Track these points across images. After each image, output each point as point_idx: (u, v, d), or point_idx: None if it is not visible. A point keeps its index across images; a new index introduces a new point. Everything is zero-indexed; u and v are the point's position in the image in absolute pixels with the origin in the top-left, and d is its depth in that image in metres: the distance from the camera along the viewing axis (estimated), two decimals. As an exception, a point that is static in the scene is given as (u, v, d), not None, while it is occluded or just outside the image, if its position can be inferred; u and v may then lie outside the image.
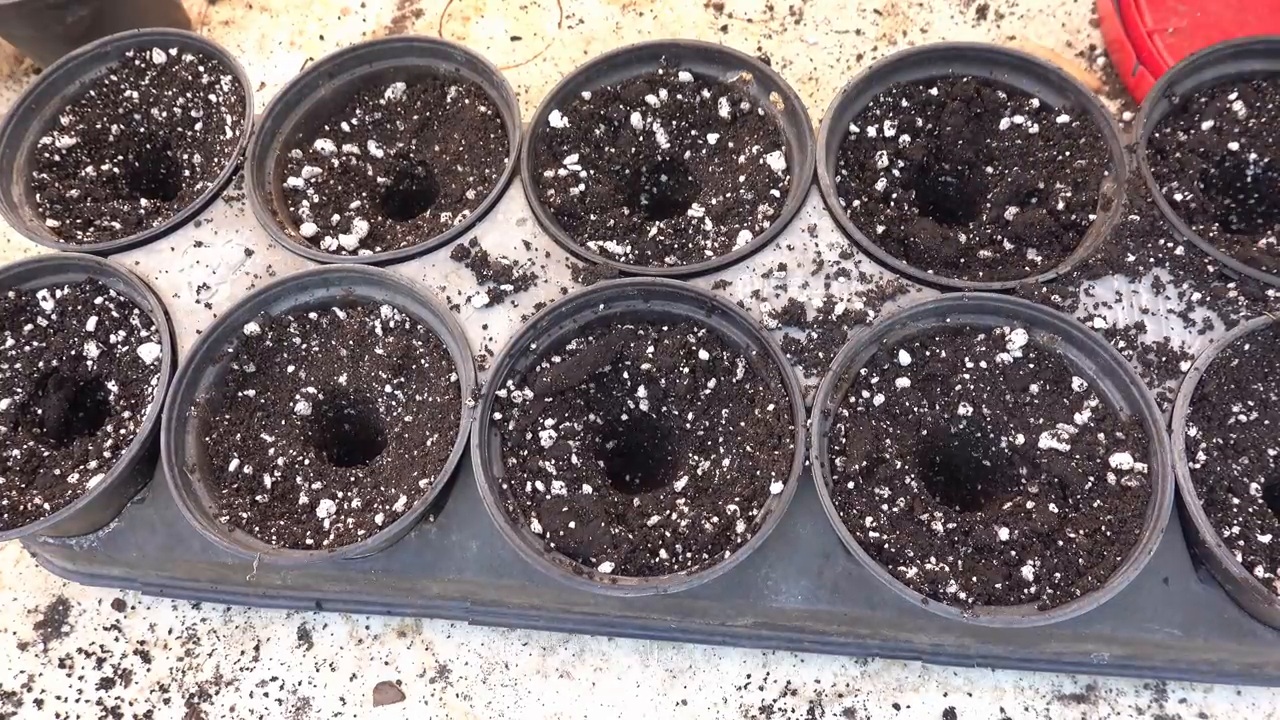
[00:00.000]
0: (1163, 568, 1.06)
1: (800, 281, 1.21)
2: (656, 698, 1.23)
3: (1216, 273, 1.16)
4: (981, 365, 1.14)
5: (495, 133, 1.37)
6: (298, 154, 1.39)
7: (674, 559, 1.08)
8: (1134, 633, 1.07)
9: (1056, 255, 1.22)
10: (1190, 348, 1.13)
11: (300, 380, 1.24)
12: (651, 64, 1.37)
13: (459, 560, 1.16)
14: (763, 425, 1.13)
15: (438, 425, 1.17)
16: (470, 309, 1.23)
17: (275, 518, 1.16)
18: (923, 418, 1.13)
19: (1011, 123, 1.31)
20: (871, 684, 1.22)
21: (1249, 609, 1.07)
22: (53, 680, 1.30)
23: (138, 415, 1.22)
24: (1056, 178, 1.26)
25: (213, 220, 1.33)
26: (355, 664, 1.28)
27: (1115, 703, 1.18)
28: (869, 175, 1.30)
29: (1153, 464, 1.06)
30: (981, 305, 1.15)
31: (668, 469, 1.21)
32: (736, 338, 1.18)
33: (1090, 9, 1.72)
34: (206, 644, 1.31)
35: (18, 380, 1.27)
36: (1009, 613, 1.01)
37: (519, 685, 1.25)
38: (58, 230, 1.36)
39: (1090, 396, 1.12)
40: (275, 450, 1.21)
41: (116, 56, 1.46)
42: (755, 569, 1.11)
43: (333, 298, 1.26)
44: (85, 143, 1.43)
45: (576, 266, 1.24)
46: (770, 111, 1.33)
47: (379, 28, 1.83)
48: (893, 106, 1.32)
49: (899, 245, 1.26)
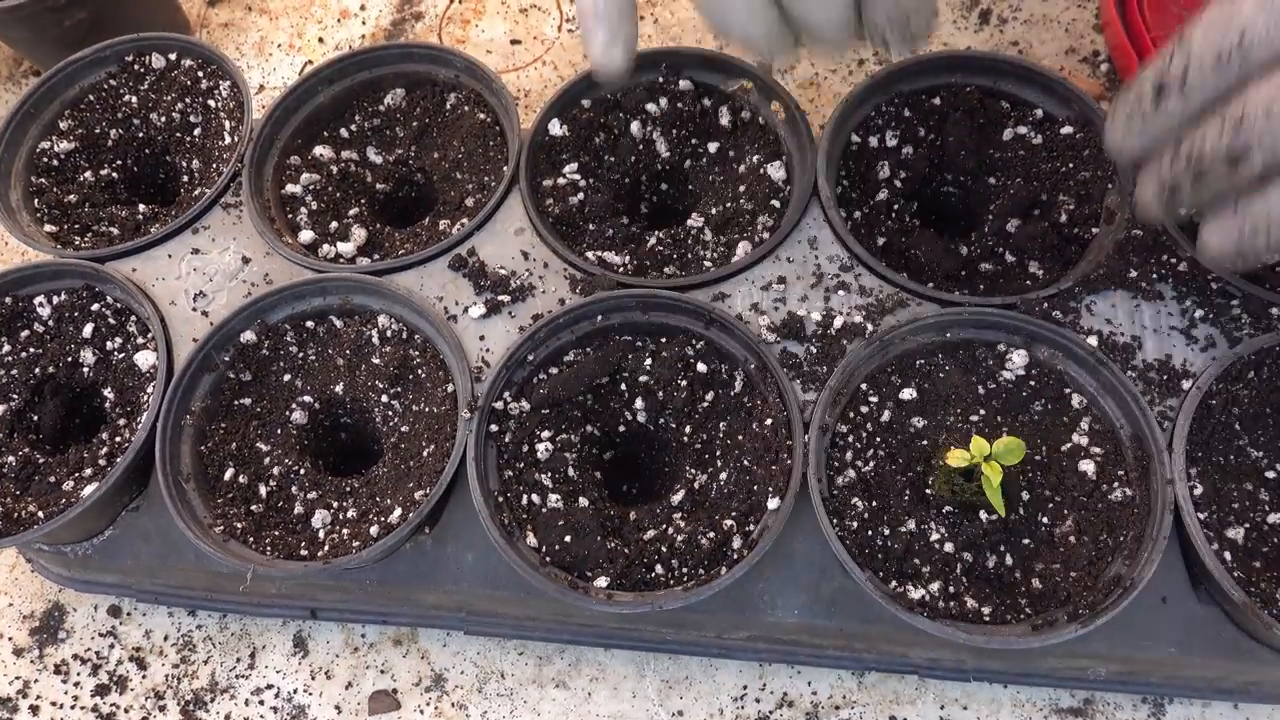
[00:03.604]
0: (1161, 587, 1.06)
1: (799, 295, 1.20)
2: (653, 708, 1.23)
3: (1220, 290, 1.16)
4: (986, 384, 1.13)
5: (494, 140, 1.36)
6: (296, 160, 1.38)
7: (670, 574, 1.08)
8: (1131, 651, 1.07)
9: (1058, 269, 1.22)
10: (1192, 365, 1.13)
11: (296, 389, 1.24)
12: (652, 72, 1.36)
13: (454, 572, 1.16)
14: (760, 440, 1.12)
15: (434, 436, 1.17)
16: (467, 319, 1.23)
17: (270, 528, 1.16)
18: (919, 433, 1.12)
19: (1015, 133, 1.30)
20: (868, 696, 1.21)
21: (1247, 628, 1.06)
22: (48, 686, 1.30)
23: (133, 423, 1.22)
24: (1059, 190, 1.26)
25: (210, 228, 1.32)
26: (351, 672, 1.28)
27: (1113, 717, 1.18)
28: (870, 186, 1.30)
29: (1152, 483, 1.05)
30: (982, 320, 1.14)
31: (664, 482, 1.21)
32: (735, 351, 1.17)
33: (1094, 14, 1.70)
34: (202, 651, 1.30)
35: (13, 386, 1.26)
36: (1005, 633, 1.00)
37: (514, 695, 1.25)
38: (55, 235, 1.36)
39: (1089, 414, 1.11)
40: (271, 459, 1.20)
41: (115, 61, 1.45)
42: (752, 584, 1.11)
43: (330, 306, 1.26)
44: (83, 148, 1.43)
45: (575, 277, 1.23)
46: (771, 121, 1.32)
47: (378, 30, 1.82)
48: (895, 116, 1.31)
49: (900, 257, 1.25)
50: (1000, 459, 1.00)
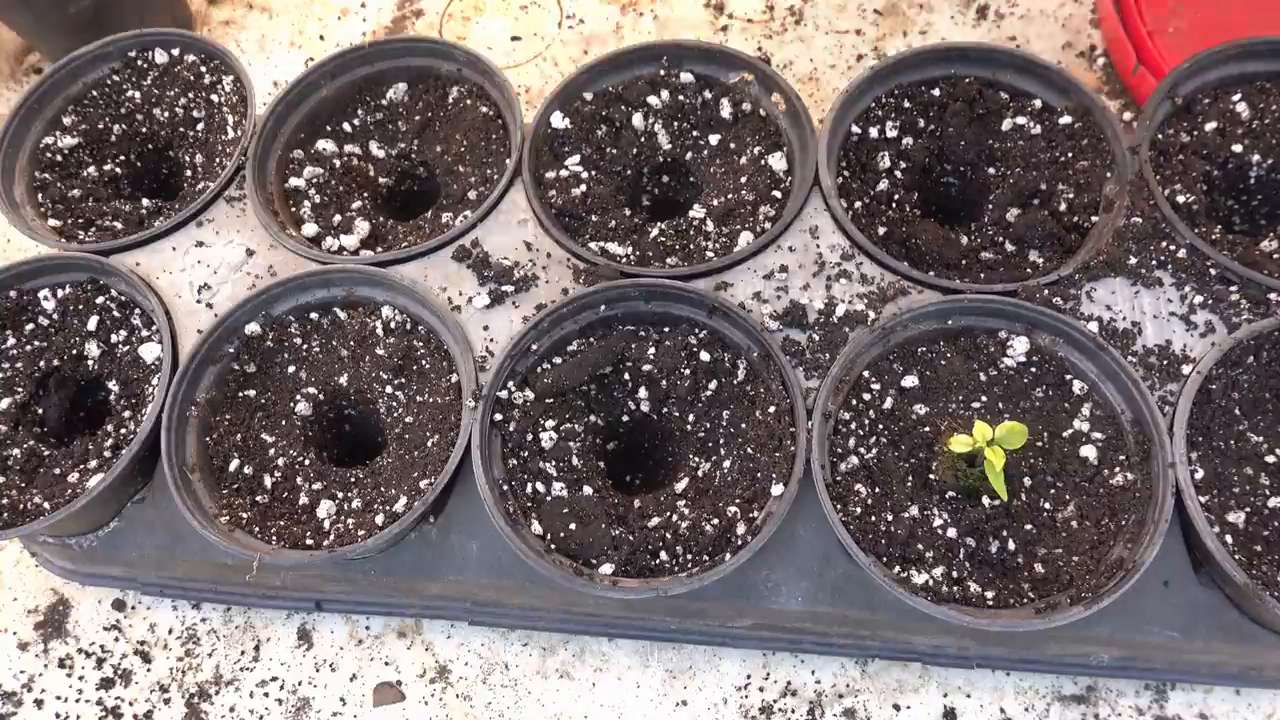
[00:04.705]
0: (1163, 571, 1.06)
1: (801, 283, 1.21)
2: (656, 698, 1.23)
3: (1219, 276, 1.16)
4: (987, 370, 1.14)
5: (497, 133, 1.37)
6: (299, 154, 1.39)
7: (674, 561, 1.08)
8: (1134, 635, 1.07)
9: (1058, 257, 1.22)
10: (1192, 351, 1.13)
11: (301, 381, 1.24)
12: (653, 65, 1.37)
13: (459, 561, 1.16)
14: (763, 427, 1.13)
15: (438, 426, 1.17)
16: (471, 310, 1.23)
17: (275, 518, 1.16)
18: (921, 420, 1.13)
19: (1014, 124, 1.30)
20: (872, 684, 1.22)
21: (1249, 612, 1.07)
22: (53, 680, 1.30)
23: (138, 415, 1.22)
24: (1059, 179, 1.26)
25: (214, 220, 1.33)
26: (355, 664, 1.28)
27: (1115, 703, 1.18)
28: (871, 176, 1.30)
29: (1153, 467, 1.06)
30: (983, 307, 1.15)
31: (668, 470, 1.21)
32: (737, 339, 1.18)
33: (1090, 9, 1.72)
34: (206, 644, 1.31)
35: (19, 379, 1.27)
36: (1008, 616, 1.00)
37: (519, 686, 1.25)
38: (59, 230, 1.36)
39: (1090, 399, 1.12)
40: (275, 450, 1.21)
41: (119, 57, 1.46)
42: (756, 571, 1.11)
43: (334, 298, 1.26)
44: (87, 143, 1.43)
45: (578, 268, 1.24)
46: (772, 112, 1.33)
47: (379, 28, 1.83)
48: (895, 107, 1.32)
49: (900, 247, 1.25)
50: (1003, 444, 1.00)
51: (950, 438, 1.03)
